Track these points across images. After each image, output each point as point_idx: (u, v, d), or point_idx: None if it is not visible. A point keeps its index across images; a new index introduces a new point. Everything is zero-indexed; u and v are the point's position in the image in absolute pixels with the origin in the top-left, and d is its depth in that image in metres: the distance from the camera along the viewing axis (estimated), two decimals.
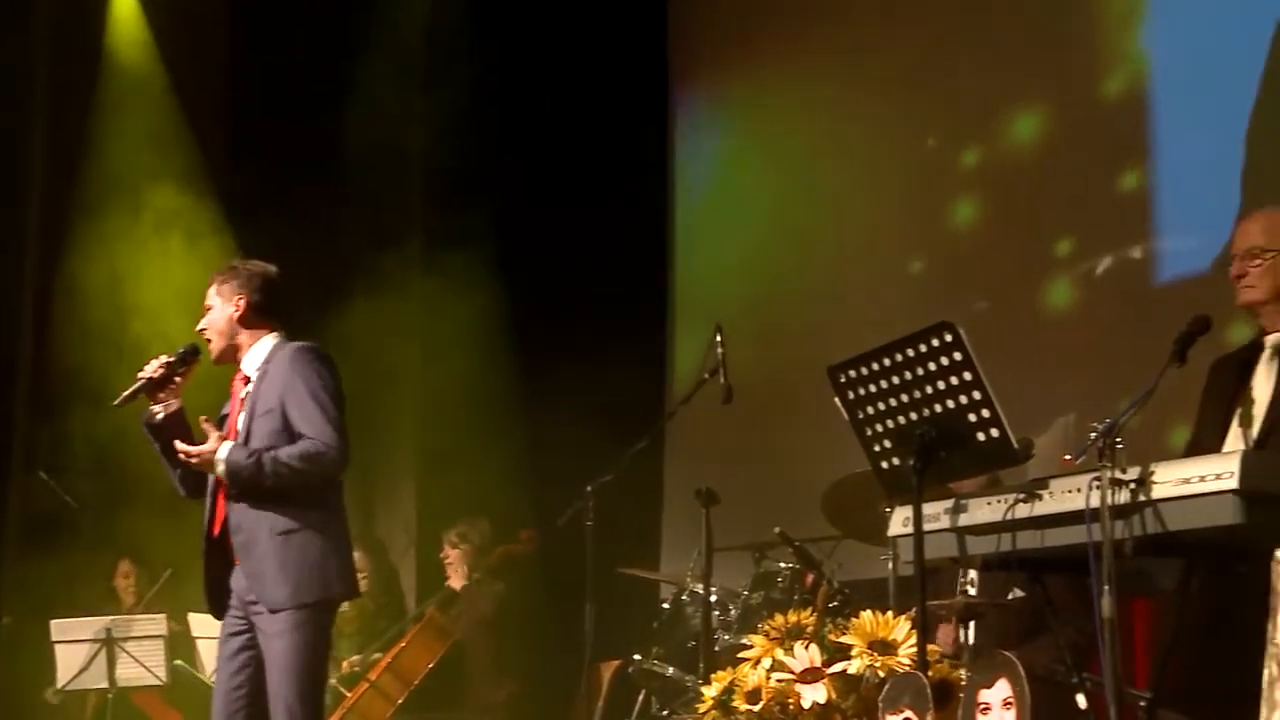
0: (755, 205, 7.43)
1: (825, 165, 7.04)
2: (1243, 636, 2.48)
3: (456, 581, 6.35)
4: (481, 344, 6.82)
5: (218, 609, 4.18)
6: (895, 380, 3.27)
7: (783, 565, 5.03)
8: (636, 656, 5.11)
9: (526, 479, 6.67)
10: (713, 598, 4.83)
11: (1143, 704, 3.48)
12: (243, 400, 4.17)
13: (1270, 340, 3.56)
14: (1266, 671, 2.29)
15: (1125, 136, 5.65)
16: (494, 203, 7.19)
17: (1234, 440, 3.52)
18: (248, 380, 4.19)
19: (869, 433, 3.40)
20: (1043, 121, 6.04)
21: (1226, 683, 2.89)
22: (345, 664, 6.33)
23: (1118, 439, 3.05)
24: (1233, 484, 2.85)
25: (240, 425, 4.13)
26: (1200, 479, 2.90)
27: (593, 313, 7.13)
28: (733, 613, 4.94)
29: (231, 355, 4.23)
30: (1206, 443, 3.59)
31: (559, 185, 7.37)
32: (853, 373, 3.36)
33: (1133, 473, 2.99)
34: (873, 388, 3.33)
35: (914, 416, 3.27)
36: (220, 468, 4.03)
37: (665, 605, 5.25)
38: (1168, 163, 5.51)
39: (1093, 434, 3.07)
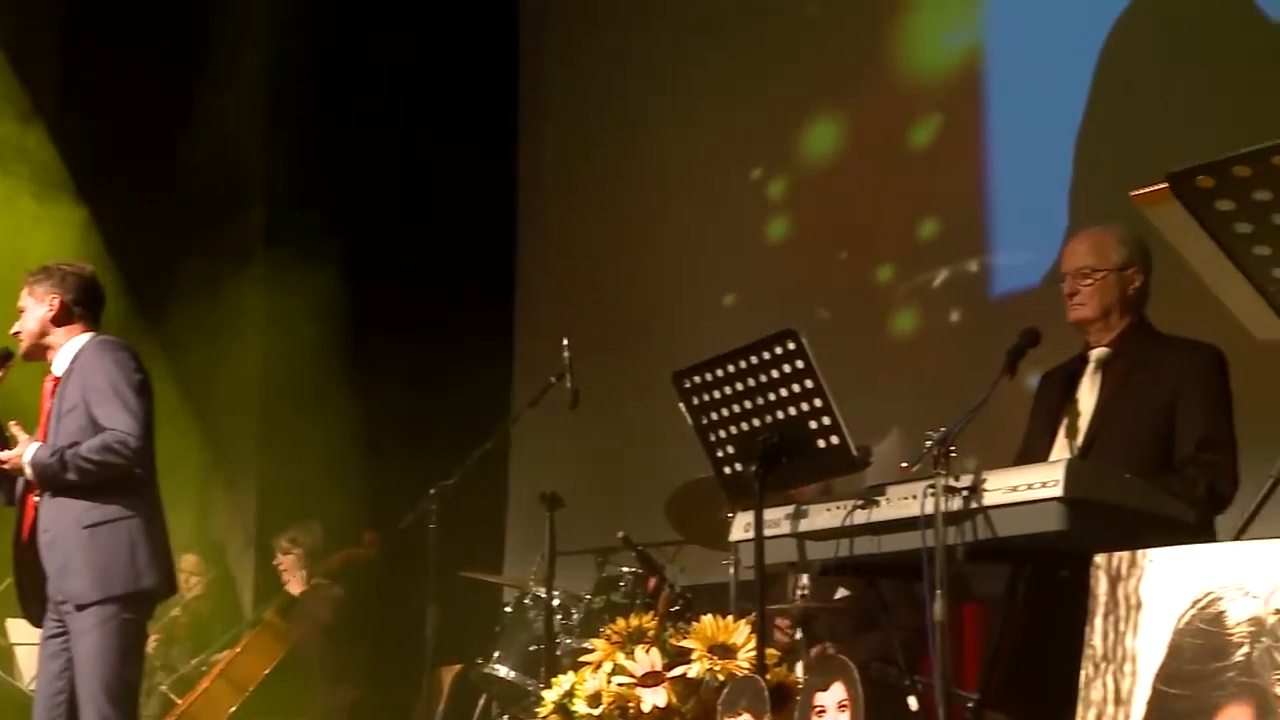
0: (602, 207, 7.46)
1: (668, 167, 7.11)
2: (1064, 639, 2.56)
3: (295, 586, 6.24)
4: (324, 345, 6.70)
5: (34, 615, 4.11)
6: (739, 387, 3.31)
7: (625, 570, 5.05)
8: (478, 660, 5.08)
9: (370, 481, 6.57)
10: (555, 601, 4.83)
11: (970, 705, 3.59)
12: (51, 399, 4.16)
13: (1095, 354, 3.69)
14: (1083, 673, 2.38)
15: (964, 154, 5.81)
16: (338, 200, 7.08)
17: (1060, 449, 3.64)
18: (57, 380, 4.18)
19: (712, 439, 3.43)
20: (884, 134, 6.17)
21: (1048, 684, 2.98)
22: (179, 669, 6.17)
23: (951, 448, 3.13)
24: (1058, 491, 2.95)
25: (50, 425, 4.12)
26: (1028, 487, 3.00)
27: (438, 314, 7.07)
28: (575, 616, 4.95)
29: (41, 354, 4.24)
30: (1035, 452, 3.71)
31: (404, 183, 7.30)
32: (697, 379, 3.40)
33: (965, 480, 3.08)
34: (716, 394, 3.37)
35: (757, 423, 3.31)
36: (27, 470, 4.04)
37: (508, 609, 5.22)
38: (1002, 180, 5.68)
39: (928, 442, 3.16)
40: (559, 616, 4.89)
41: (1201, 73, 5.03)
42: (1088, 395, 3.68)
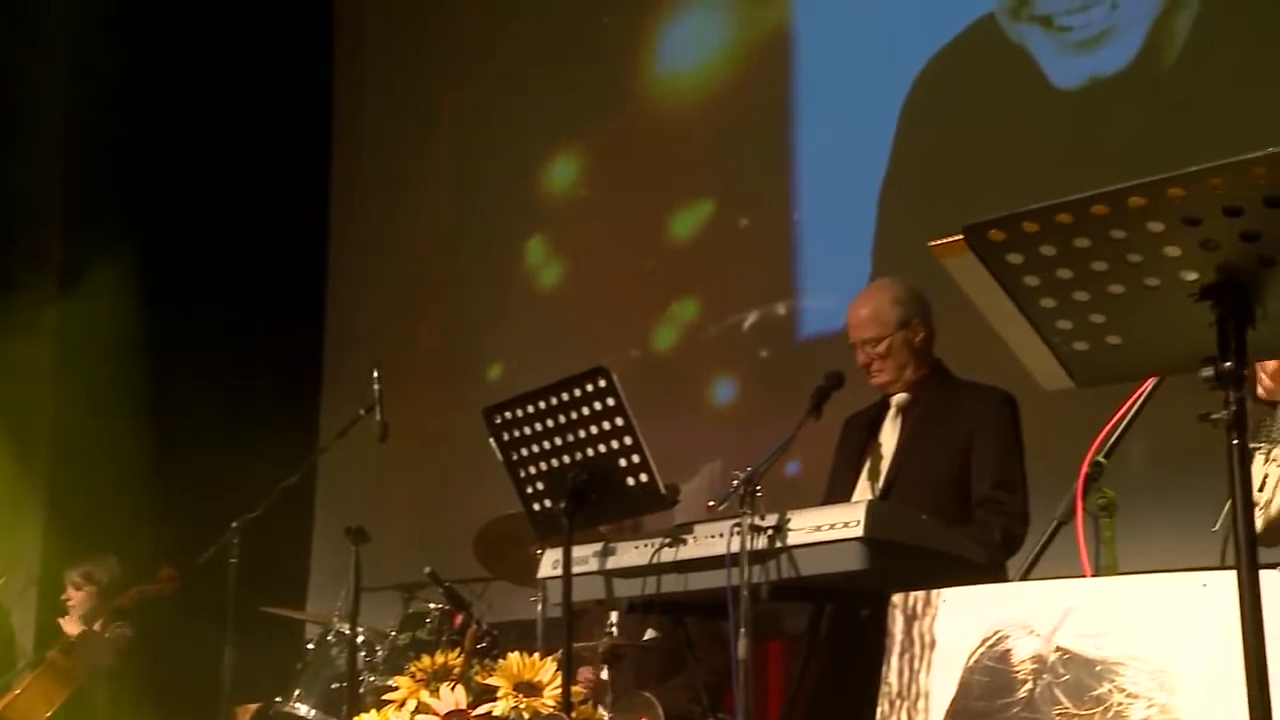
0: (416, 235, 7.40)
1: (476, 200, 7.10)
2: (864, 677, 2.62)
3: (72, 626, 5.96)
4: (121, 373, 6.46)
5: None
6: (550, 423, 3.31)
7: (432, 606, 4.98)
8: (277, 699, 4.94)
9: (168, 515, 6.35)
10: (359, 638, 4.73)
11: None
12: None
13: (895, 400, 3.84)
14: (879, 710, 2.44)
15: (774, 197, 5.93)
16: (139, 227, 6.85)
17: (862, 491, 3.74)
18: None
19: (522, 474, 3.42)
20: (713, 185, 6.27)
21: None
22: None
23: (758, 487, 3.18)
24: (859, 532, 3.02)
25: None
26: (830, 526, 3.07)
27: (242, 343, 6.90)
28: (379, 653, 4.86)
29: None
30: (838, 493, 3.80)
31: (209, 213, 7.11)
32: (508, 414, 3.38)
33: (771, 519, 3.13)
34: (527, 430, 3.36)
35: (567, 460, 3.31)
36: None
37: (310, 646, 5.10)
38: (810, 226, 5.83)
39: (735, 482, 3.20)
40: (363, 653, 4.80)
41: (994, 131, 5.27)
42: (889, 438, 3.80)
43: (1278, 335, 1.80)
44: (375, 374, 4.81)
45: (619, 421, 3.21)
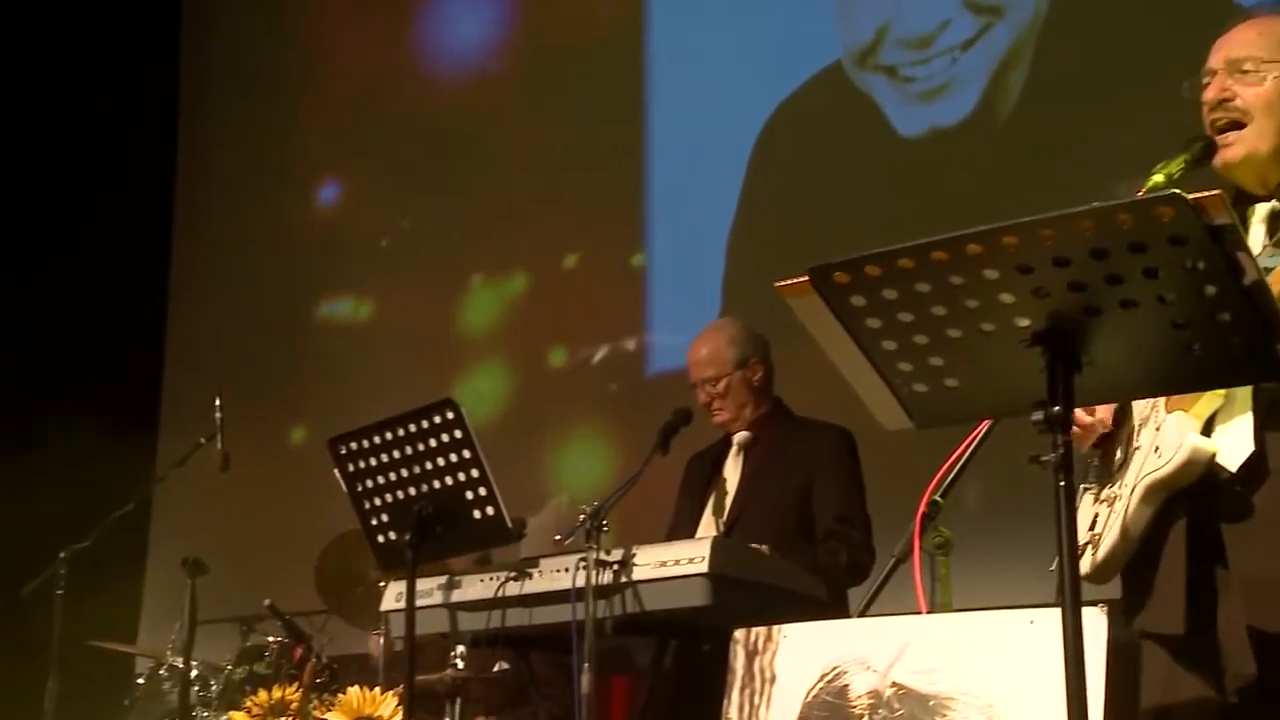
0: (257, 258, 7.26)
1: (316, 223, 7.02)
2: (706, 712, 2.64)
3: None
4: None
5: None
6: (396, 455, 3.26)
7: (271, 639, 4.87)
8: None
9: None
10: (193, 672, 4.60)
11: None
12: None
13: (737, 438, 3.90)
14: None
15: (626, 235, 5.98)
16: None
17: (706, 527, 3.78)
18: None
19: (367, 506, 3.37)
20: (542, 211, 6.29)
21: None
22: None
23: (604, 522, 3.19)
24: (703, 568, 3.05)
25: None
26: (675, 562, 3.09)
27: (76, 366, 6.67)
28: (214, 688, 4.74)
29: None
30: (683, 529, 3.83)
31: (44, 229, 6.89)
32: (354, 445, 3.33)
33: (616, 555, 3.14)
34: (373, 461, 3.31)
35: (413, 491, 3.27)
36: None
37: (140, 680, 4.94)
38: (661, 262, 5.89)
39: (581, 516, 3.20)
40: (196, 688, 4.67)
41: (841, 175, 5.40)
42: (732, 475, 3.85)
43: (1102, 382, 1.87)
44: (217, 402, 4.71)
45: (466, 454, 3.18)
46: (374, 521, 3.36)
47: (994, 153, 5.08)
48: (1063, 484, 1.80)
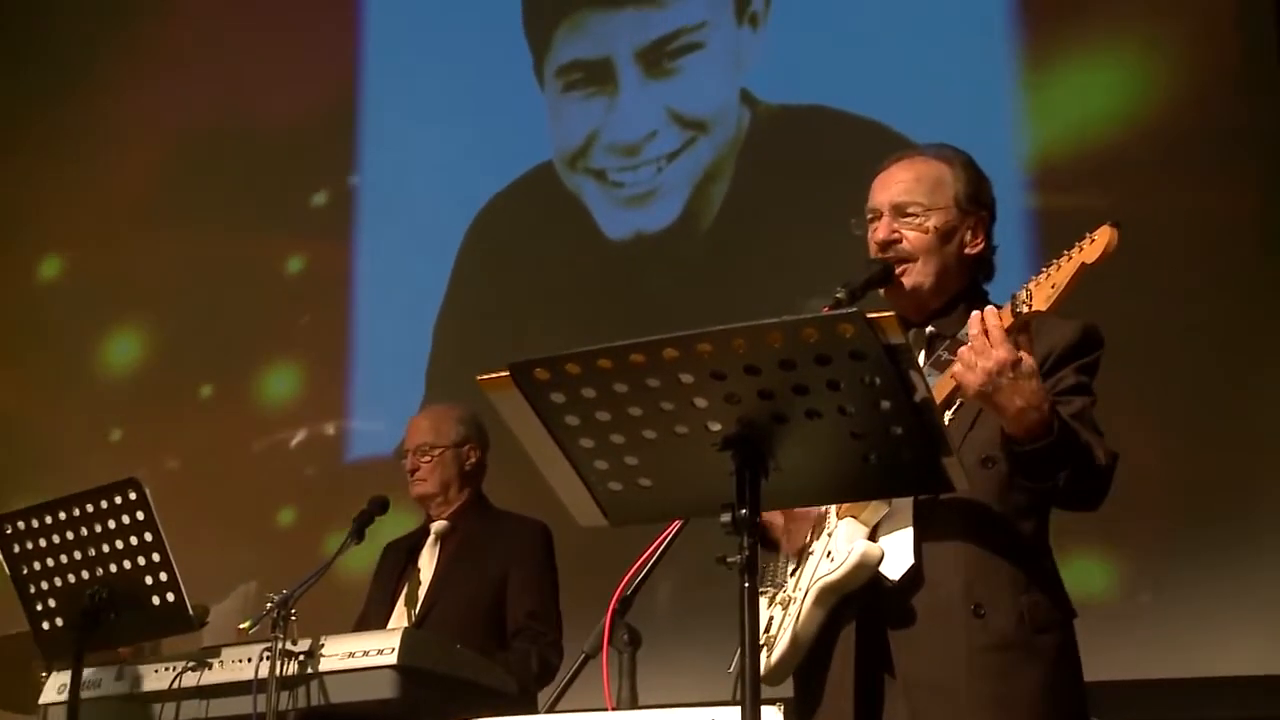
0: None
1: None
2: None
3: None
4: None
5: None
6: (70, 536, 3.07)
7: None
8: None
9: None
10: None
11: None
12: None
13: (435, 526, 3.85)
14: None
15: (331, 317, 5.85)
16: None
17: (398, 618, 3.70)
18: None
19: (33, 590, 3.14)
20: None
21: None
22: None
23: (293, 610, 3.08)
24: (392, 659, 2.98)
25: None
26: (364, 654, 3.01)
27: None
28: None
29: None
30: (374, 619, 3.74)
31: None
32: (22, 524, 3.11)
33: (303, 645, 3.04)
34: (43, 542, 3.10)
35: (86, 575, 3.08)
36: None
37: None
38: (365, 347, 5.78)
39: (269, 604, 3.09)
40: None
41: (549, 272, 5.45)
42: (427, 566, 3.80)
43: (788, 487, 1.94)
44: None
45: (148, 537, 3.02)
46: (39, 607, 3.14)
47: (695, 260, 5.26)
48: (747, 585, 1.84)
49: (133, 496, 3.01)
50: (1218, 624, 4.19)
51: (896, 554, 2.24)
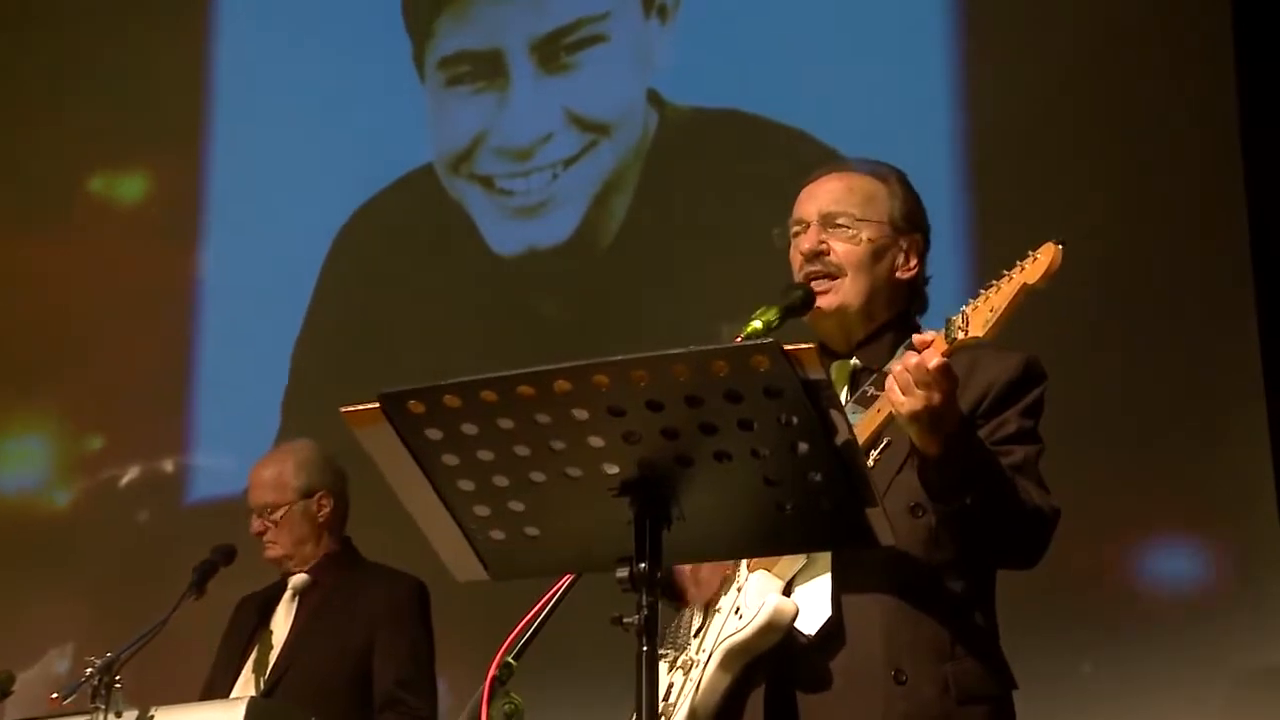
0: None
1: None
2: None
3: None
4: None
5: None
6: None
7: None
8: None
9: None
10: None
11: None
12: None
13: (293, 581, 3.80)
14: None
15: (172, 338, 5.77)
16: None
17: (244, 685, 3.64)
18: None
19: None
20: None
21: None
22: None
23: (118, 677, 3.04)
24: None
25: None
26: None
27: None
28: None
29: None
30: (219, 686, 3.69)
31: None
32: None
33: (130, 716, 3.00)
34: None
35: None
36: None
37: None
38: (208, 373, 5.69)
39: (89, 670, 3.04)
40: None
41: (426, 290, 5.41)
42: (282, 625, 3.74)
43: (694, 538, 1.95)
44: None
45: None
46: None
47: (594, 280, 5.25)
48: (645, 649, 1.85)
49: None
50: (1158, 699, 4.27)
51: (813, 605, 2.25)
